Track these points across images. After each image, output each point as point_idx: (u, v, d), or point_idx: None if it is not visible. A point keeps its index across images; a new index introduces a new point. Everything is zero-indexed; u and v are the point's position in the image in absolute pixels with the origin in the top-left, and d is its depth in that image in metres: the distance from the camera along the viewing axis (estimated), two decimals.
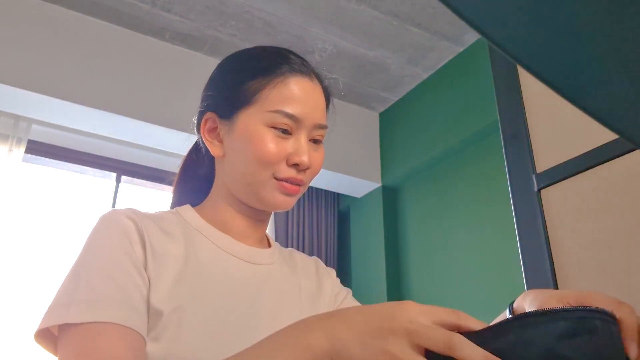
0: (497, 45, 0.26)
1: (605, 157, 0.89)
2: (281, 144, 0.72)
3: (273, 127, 0.72)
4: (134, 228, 0.67)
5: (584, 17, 0.25)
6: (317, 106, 0.76)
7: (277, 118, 0.72)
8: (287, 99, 0.73)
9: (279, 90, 0.73)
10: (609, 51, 0.28)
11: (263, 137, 0.72)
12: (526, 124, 1.06)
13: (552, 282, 0.92)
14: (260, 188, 0.74)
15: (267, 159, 0.72)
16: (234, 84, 0.76)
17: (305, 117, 0.73)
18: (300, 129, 0.74)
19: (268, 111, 0.72)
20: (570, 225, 0.93)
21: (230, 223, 0.78)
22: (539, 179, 1.00)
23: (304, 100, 0.74)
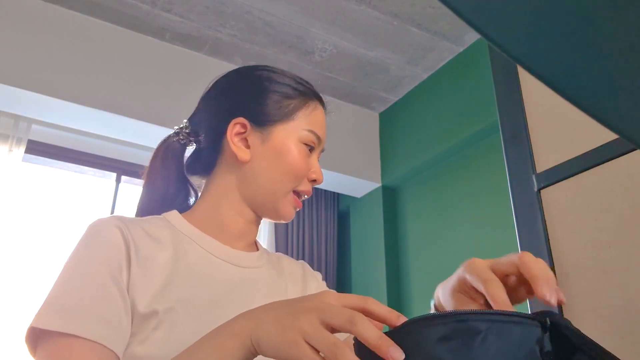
0: (497, 45, 0.26)
1: (605, 157, 0.89)
2: (307, 160, 0.81)
3: (305, 144, 0.81)
4: (119, 237, 0.68)
5: (584, 17, 0.25)
6: (325, 132, 0.87)
7: (310, 137, 0.81)
8: (317, 122, 0.83)
9: (314, 114, 0.83)
10: (609, 51, 0.28)
11: (299, 153, 0.79)
12: (526, 124, 1.06)
13: None
14: (280, 198, 0.79)
15: (297, 173, 0.79)
16: (274, 97, 0.81)
17: (323, 139, 0.84)
18: (317, 149, 0.84)
19: (304, 129, 0.80)
20: (570, 225, 0.93)
21: (228, 224, 0.80)
22: (539, 179, 1.00)
23: (323, 125, 0.85)
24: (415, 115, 3.18)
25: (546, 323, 0.42)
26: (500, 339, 0.40)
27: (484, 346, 0.39)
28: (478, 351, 0.39)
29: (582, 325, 0.83)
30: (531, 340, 0.41)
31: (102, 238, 0.68)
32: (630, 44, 0.27)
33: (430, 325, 0.40)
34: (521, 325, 0.41)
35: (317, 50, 2.95)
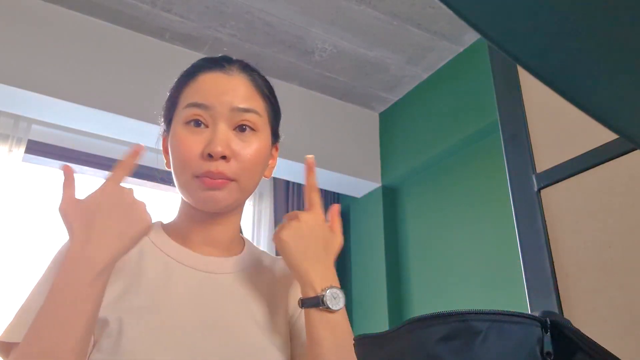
0: (497, 45, 0.26)
1: (605, 157, 0.89)
2: (195, 138, 0.73)
3: (187, 123, 0.74)
4: None
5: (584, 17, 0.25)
6: (232, 91, 0.75)
7: (188, 111, 0.74)
8: (196, 92, 0.75)
9: (189, 87, 0.77)
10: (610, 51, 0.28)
11: (179, 135, 0.74)
12: (526, 124, 1.06)
13: (552, 282, 0.92)
14: (188, 191, 0.75)
15: (183, 156, 0.73)
16: (167, 100, 0.82)
17: (215, 103, 0.73)
18: (215, 118, 0.74)
19: (182, 109, 0.75)
20: (570, 225, 0.93)
21: (189, 234, 0.79)
22: (539, 179, 1.00)
23: (213, 89, 0.75)
24: (415, 115, 3.18)
25: (546, 323, 0.43)
26: (500, 339, 0.40)
27: (484, 346, 0.39)
28: (478, 351, 0.39)
29: (582, 325, 0.83)
30: (531, 340, 0.41)
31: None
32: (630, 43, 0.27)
33: (431, 325, 0.41)
34: (521, 325, 0.41)
35: (316, 50, 2.95)
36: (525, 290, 0.96)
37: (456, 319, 0.40)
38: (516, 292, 2.00)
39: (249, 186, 0.77)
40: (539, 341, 0.42)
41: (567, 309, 0.89)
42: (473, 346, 0.39)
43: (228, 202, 0.75)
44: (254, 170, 0.76)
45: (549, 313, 0.44)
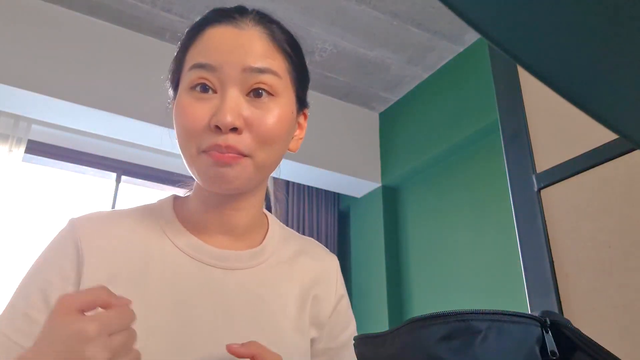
0: (497, 45, 0.26)
1: (605, 157, 0.89)
2: (201, 106, 0.61)
3: (192, 88, 0.62)
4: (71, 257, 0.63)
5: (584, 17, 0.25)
6: (244, 48, 0.62)
7: (192, 74, 0.62)
8: (201, 51, 0.63)
9: (195, 45, 0.65)
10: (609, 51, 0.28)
11: (182, 102, 0.63)
12: (526, 124, 1.06)
13: (552, 282, 0.92)
14: (195, 168, 0.63)
15: (187, 128, 0.62)
16: (173, 61, 0.70)
17: (223, 63, 0.61)
18: (225, 81, 0.61)
19: (187, 71, 0.64)
20: (570, 225, 0.93)
21: (202, 221, 0.68)
22: (539, 179, 1.00)
23: (221, 46, 0.62)
24: (415, 115, 3.18)
25: (546, 323, 0.43)
26: (500, 339, 0.40)
27: (484, 345, 0.40)
28: (478, 350, 0.39)
29: (582, 325, 0.83)
30: (531, 340, 0.42)
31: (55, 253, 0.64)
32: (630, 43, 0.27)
33: (431, 325, 0.41)
34: (521, 324, 0.42)
35: (317, 50, 2.95)
36: (525, 290, 0.97)
37: (456, 318, 0.40)
38: (516, 292, 2.00)
39: (268, 162, 0.64)
40: (539, 341, 0.42)
41: (567, 309, 0.89)
42: (473, 346, 0.40)
43: (241, 182, 0.62)
44: (272, 142, 0.63)
45: (548, 313, 0.44)
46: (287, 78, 0.66)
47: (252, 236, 0.71)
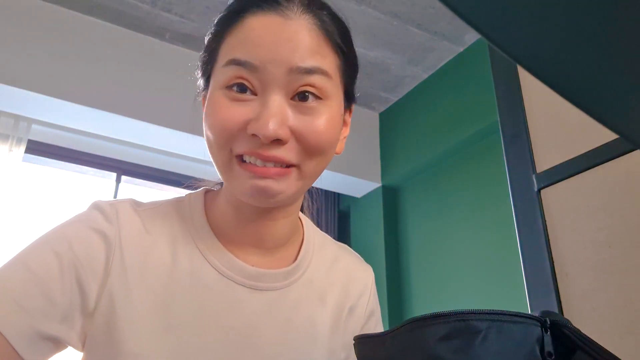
0: (497, 45, 0.26)
1: (605, 157, 0.89)
2: (237, 108, 0.53)
3: (228, 88, 0.53)
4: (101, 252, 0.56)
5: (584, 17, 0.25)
6: (291, 43, 0.52)
7: (229, 72, 0.53)
8: (240, 44, 0.53)
9: (234, 36, 0.54)
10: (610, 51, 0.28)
11: (216, 102, 0.54)
12: (526, 124, 1.06)
13: (552, 282, 0.92)
14: (228, 175, 0.56)
15: (219, 129, 0.53)
16: (205, 49, 0.60)
17: (266, 62, 0.51)
18: (267, 83, 0.52)
19: (221, 67, 0.54)
20: (570, 225, 0.93)
21: (233, 231, 0.61)
22: (539, 179, 1.00)
23: (264, 39, 0.52)
24: (415, 115, 3.18)
25: (546, 323, 0.43)
26: (500, 338, 0.40)
27: (484, 345, 0.40)
28: (479, 350, 0.39)
29: (582, 325, 0.83)
30: (531, 340, 0.42)
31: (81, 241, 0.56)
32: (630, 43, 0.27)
33: (431, 325, 0.41)
34: (521, 324, 0.42)
35: None
36: (525, 290, 0.97)
37: (456, 318, 0.40)
38: (516, 292, 2.00)
39: (316, 171, 0.57)
40: (539, 341, 0.42)
41: (567, 309, 0.89)
42: (473, 346, 0.40)
43: (286, 196, 0.55)
44: (322, 151, 0.55)
45: (548, 313, 0.44)
46: (337, 76, 0.57)
47: (287, 248, 0.65)
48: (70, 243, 0.55)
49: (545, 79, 0.28)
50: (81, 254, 0.55)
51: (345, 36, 0.60)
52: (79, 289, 0.54)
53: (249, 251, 0.61)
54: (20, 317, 0.50)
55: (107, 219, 0.58)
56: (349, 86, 0.62)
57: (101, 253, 0.56)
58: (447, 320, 0.40)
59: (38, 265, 0.53)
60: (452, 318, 0.40)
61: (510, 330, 0.41)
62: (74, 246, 0.55)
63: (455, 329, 0.40)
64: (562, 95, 0.29)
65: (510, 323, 0.41)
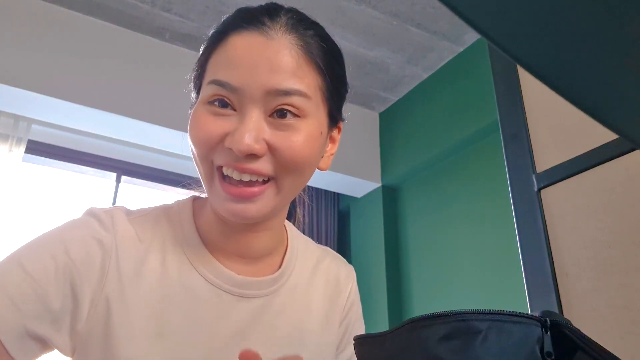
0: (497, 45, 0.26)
1: (605, 157, 0.89)
2: (217, 122, 0.55)
3: (209, 103, 0.56)
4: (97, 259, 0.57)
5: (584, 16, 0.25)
6: (270, 64, 0.54)
7: (210, 90, 0.56)
8: (221, 63, 0.56)
9: (218, 55, 0.57)
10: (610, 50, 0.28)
11: (198, 116, 0.56)
12: (526, 124, 1.06)
13: (552, 282, 0.92)
14: (210, 188, 0.58)
15: (200, 142, 0.55)
16: (196, 65, 0.63)
17: (244, 84, 0.54)
18: (245, 102, 0.54)
19: (205, 84, 0.57)
20: (570, 225, 0.93)
21: (219, 241, 0.63)
22: (539, 179, 1.00)
23: (243, 61, 0.54)
24: (415, 115, 3.18)
25: (546, 323, 0.43)
26: (500, 339, 0.40)
27: (484, 346, 0.40)
28: (479, 350, 0.39)
29: (582, 325, 0.83)
30: (531, 340, 0.42)
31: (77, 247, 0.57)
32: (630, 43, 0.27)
33: (431, 325, 0.41)
34: (521, 324, 0.41)
35: None
36: (525, 290, 0.97)
37: (456, 318, 0.40)
38: (516, 292, 2.00)
39: (293, 187, 0.59)
40: (539, 341, 0.42)
41: (567, 309, 0.89)
42: (473, 346, 0.39)
43: (264, 213, 0.57)
44: (298, 167, 0.56)
45: (548, 313, 0.44)
46: (318, 96, 0.58)
47: (272, 257, 0.67)
48: (67, 248, 0.56)
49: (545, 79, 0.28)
50: (77, 260, 0.56)
51: (330, 57, 0.62)
52: (72, 294, 0.55)
53: (235, 260, 0.63)
54: (13, 314, 0.51)
55: (103, 226, 0.59)
56: (334, 106, 0.63)
57: (97, 260, 0.57)
58: (447, 321, 0.40)
59: (34, 268, 0.54)
60: (452, 318, 0.40)
61: (511, 330, 0.41)
62: (71, 251, 0.56)
63: (456, 329, 0.40)
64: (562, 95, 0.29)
65: (511, 323, 0.41)
